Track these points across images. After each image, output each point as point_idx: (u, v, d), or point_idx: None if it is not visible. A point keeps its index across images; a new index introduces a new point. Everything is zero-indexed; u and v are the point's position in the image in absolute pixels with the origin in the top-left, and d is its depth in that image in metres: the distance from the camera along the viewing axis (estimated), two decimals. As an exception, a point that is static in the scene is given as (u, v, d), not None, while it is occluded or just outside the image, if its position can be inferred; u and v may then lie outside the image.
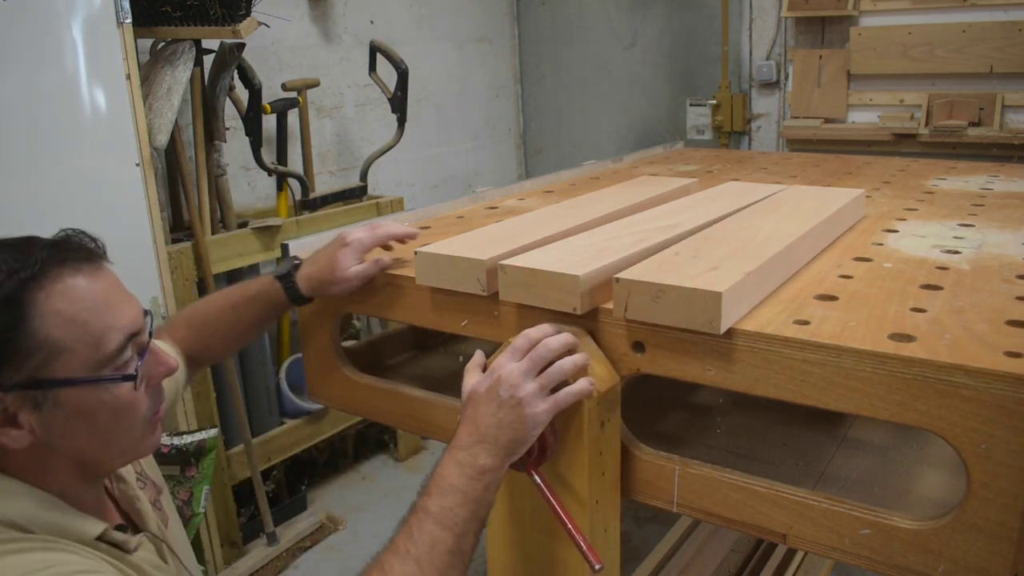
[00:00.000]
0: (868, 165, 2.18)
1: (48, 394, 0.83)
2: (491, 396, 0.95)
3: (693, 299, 0.92)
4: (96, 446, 0.89)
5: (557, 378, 0.96)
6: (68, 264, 0.86)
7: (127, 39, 2.08)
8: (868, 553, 0.91)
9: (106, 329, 0.86)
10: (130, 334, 0.88)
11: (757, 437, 1.16)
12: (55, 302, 0.83)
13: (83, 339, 0.84)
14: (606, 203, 1.46)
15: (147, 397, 0.92)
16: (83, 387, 0.85)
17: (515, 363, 0.96)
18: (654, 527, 2.48)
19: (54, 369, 0.83)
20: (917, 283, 1.08)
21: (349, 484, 3.12)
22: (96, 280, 0.88)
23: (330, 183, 3.38)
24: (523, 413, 0.93)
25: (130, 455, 0.95)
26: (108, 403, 0.87)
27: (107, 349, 0.86)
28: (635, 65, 4.03)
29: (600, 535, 1.05)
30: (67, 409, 0.85)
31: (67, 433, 0.86)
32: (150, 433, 0.94)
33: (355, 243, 1.25)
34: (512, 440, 0.93)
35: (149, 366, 0.92)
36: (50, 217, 2.03)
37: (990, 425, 0.80)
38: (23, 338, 0.81)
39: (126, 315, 0.89)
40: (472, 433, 0.94)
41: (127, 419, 0.89)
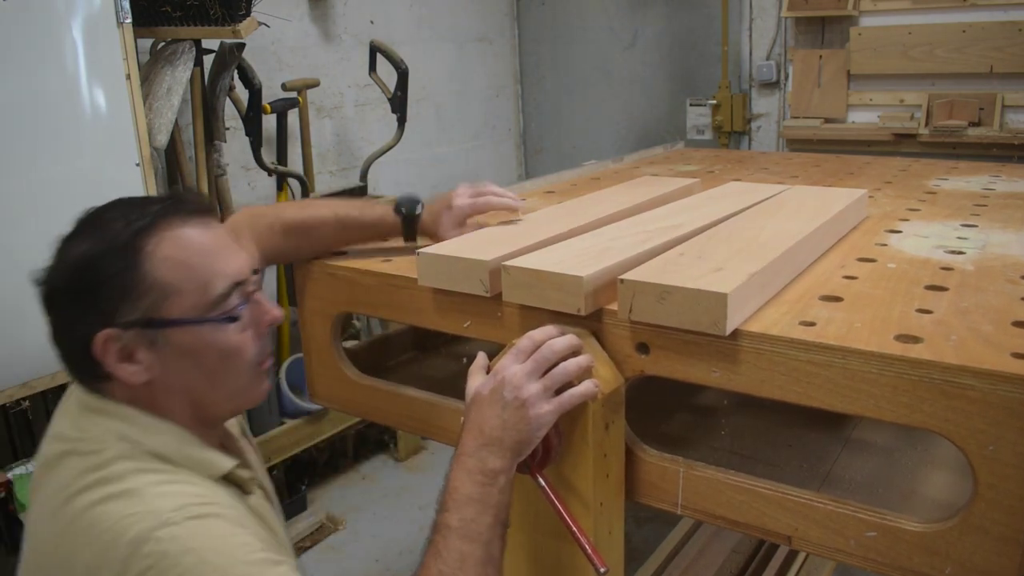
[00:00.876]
0: (869, 165, 2.18)
1: (160, 333, 0.90)
2: (495, 398, 0.95)
3: (698, 300, 0.92)
4: (207, 386, 0.95)
5: (561, 379, 0.96)
6: (178, 216, 0.93)
7: (127, 39, 2.08)
8: (874, 555, 0.91)
9: (213, 274, 0.92)
10: (236, 281, 0.94)
11: (762, 439, 1.16)
12: (166, 248, 0.90)
13: (191, 282, 0.91)
14: (608, 203, 1.45)
15: (253, 344, 0.97)
16: (191, 327, 0.91)
17: (519, 365, 0.96)
18: (655, 527, 2.48)
19: (165, 309, 0.90)
20: (922, 284, 1.08)
21: (349, 484, 3.12)
22: (204, 230, 0.94)
23: (330, 183, 3.38)
24: (527, 414, 0.93)
25: (239, 400, 0.99)
26: (216, 345, 0.93)
27: (214, 292, 0.92)
28: (635, 65, 4.03)
29: (604, 537, 1.04)
30: (178, 348, 0.91)
31: (179, 371, 0.92)
32: (258, 381, 1.00)
33: (457, 211, 1.31)
34: (518, 441, 0.93)
35: (254, 314, 0.97)
36: (50, 217, 2.02)
37: (997, 427, 0.80)
38: (137, 280, 0.89)
39: (232, 264, 0.95)
40: (477, 437, 0.94)
41: (234, 362, 0.95)
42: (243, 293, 0.95)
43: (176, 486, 0.87)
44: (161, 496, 0.85)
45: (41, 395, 2.14)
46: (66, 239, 0.94)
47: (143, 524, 0.81)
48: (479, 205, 1.33)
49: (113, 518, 0.82)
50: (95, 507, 0.84)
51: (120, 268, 0.89)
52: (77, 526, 0.84)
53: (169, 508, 0.83)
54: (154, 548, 0.80)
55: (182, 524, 0.82)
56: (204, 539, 0.82)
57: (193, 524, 0.83)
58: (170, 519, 0.82)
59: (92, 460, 0.88)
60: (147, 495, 0.84)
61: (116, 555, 0.80)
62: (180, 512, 0.83)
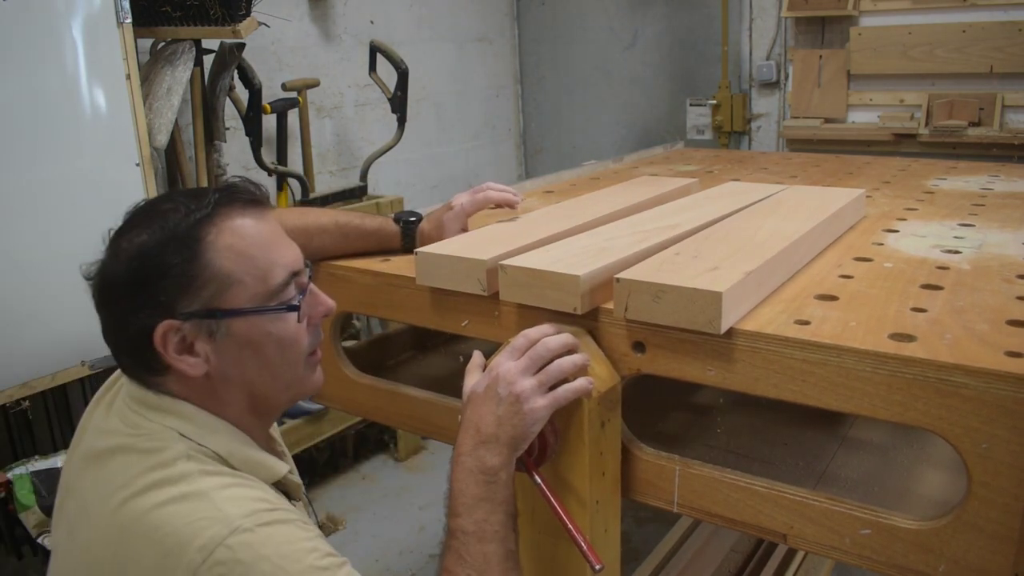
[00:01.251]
0: (868, 165, 2.18)
1: (221, 323, 0.90)
2: (489, 395, 0.95)
3: (693, 299, 0.92)
4: (265, 377, 0.94)
5: (556, 375, 0.96)
6: (237, 206, 0.93)
7: (127, 39, 2.08)
8: (869, 553, 0.91)
9: (272, 264, 0.92)
10: (293, 272, 0.95)
11: (757, 437, 1.16)
12: (226, 238, 0.90)
13: (251, 272, 0.91)
14: (606, 203, 1.46)
15: (308, 334, 0.97)
16: (252, 317, 0.91)
17: (513, 361, 0.97)
18: (654, 527, 2.48)
19: (226, 300, 0.89)
20: (918, 283, 1.08)
21: (349, 484, 3.12)
22: (262, 221, 0.94)
23: (330, 183, 3.38)
24: (522, 409, 0.94)
25: (295, 390, 0.99)
26: (274, 335, 0.93)
27: (273, 282, 0.92)
28: (635, 65, 4.03)
29: (600, 535, 1.05)
30: (238, 338, 0.91)
31: (239, 363, 0.92)
32: (311, 372, 1.00)
33: (458, 208, 1.33)
34: (513, 436, 0.94)
35: (309, 304, 0.97)
36: (50, 217, 2.04)
37: (991, 425, 0.80)
38: (198, 270, 0.88)
39: (288, 255, 0.95)
40: (474, 436, 0.94)
41: (291, 352, 0.95)
42: (299, 283, 0.96)
43: (242, 490, 0.86)
44: (230, 500, 0.83)
45: (41, 395, 2.15)
46: (120, 232, 0.93)
47: (214, 530, 0.80)
48: (479, 201, 1.34)
49: (181, 521, 0.81)
50: (160, 508, 0.82)
51: (181, 258, 0.88)
52: (139, 528, 0.82)
53: (240, 514, 0.82)
54: (227, 555, 0.79)
55: (254, 531, 0.81)
56: (276, 546, 0.82)
57: (264, 531, 0.82)
58: (242, 526, 0.81)
59: (153, 459, 0.87)
60: (216, 499, 0.83)
61: (185, 560, 0.79)
62: (251, 519, 0.82)
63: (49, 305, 1.98)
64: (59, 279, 1.99)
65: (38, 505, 1.92)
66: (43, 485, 1.94)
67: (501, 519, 0.91)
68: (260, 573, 0.79)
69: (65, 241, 1.99)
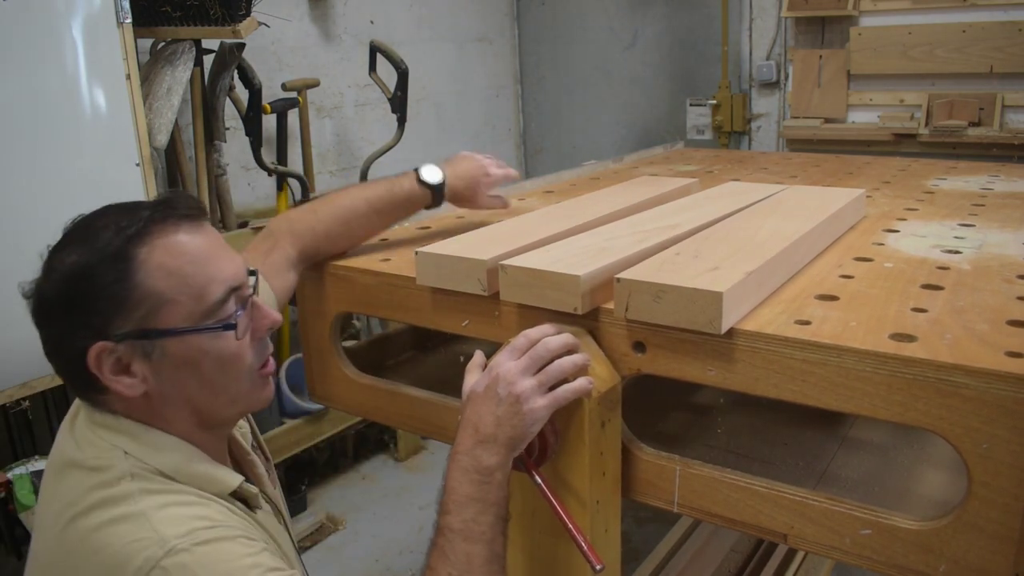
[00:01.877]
0: (868, 165, 2.18)
1: (155, 344, 0.88)
2: (489, 394, 0.95)
3: (694, 299, 0.92)
4: (206, 395, 0.93)
5: (556, 375, 0.96)
6: (171, 221, 0.90)
7: (127, 39, 2.08)
8: (869, 553, 0.91)
9: (208, 281, 0.90)
10: (231, 287, 0.92)
11: (758, 437, 1.16)
12: (158, 256, 0.88)
13: (185, 291, 0.89)
14: (607, 203, 1.46)
15: (252, 349, 0.96)
16: (187, 336, 0.89)
17: (513, 361, 0.96)
18: (654, 527, 2.48)
19: (159, 320, 0.88)
20: (918, 283, 1.08)
21: (349, 484, 3.12)
22: (197, 236, 0.92)
23: (330, 183, 3.38)
24: (521, 409, 0.93)
25: (241, 405, 0.98)
26: (212, 353, 0.91)
27: (209, 300, 0.90)
28: (635, 65, 4.03)
29: (601, 535, 1.05)
30: (175, 358, 0.89)
31: (177, 381, 0.91)
32: (261, 386, 0.99)
33: (494, 180, 1.42)
34: (512, 437, 0.93)
35: (252, 319, 0.96)
36: (50, 217, 2.03)
37: (991, 425, 0.80)
38: (130, 291, 0.86)
39: (227, 269, 0.93)
40: (472, 435, 0.94)
41: (233, 369, 0.93)
42: (240, 298, 0.93)
43: (182, 508, 0.86)
44: (167, 520, 0.83)
45: (41, 395, 2.15)
46: (55, 249, 0.91)
47: (150, 551, 0.80)
48: (499, 178, 1.43)
49: (119, 543, 0.81)
50: (101, 530, 0.83)
51: (112, 279, 0.86)
52: (82, 548, 0.83)
53: (176, 534, 0.82)
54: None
55: (191, 551, 0.81)
56: (214, 564, 0.81)
57: (201, 550, 0.81)
58: (177, 546, 0.80)
59: (99, 477, 0.87)
60: (153, 519, 0.83)
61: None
62: (188, 538, 0.82)
63: (49, 305, 1.97)
64: (59, 279, 1.99)
65: (38, 505, 1.92)
66: (43, 485, 1.94)
67: (490, 520, 0.91)
68: None
69: (65, 241, 1.99)
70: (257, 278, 1.00)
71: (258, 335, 0.97)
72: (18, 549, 2.04)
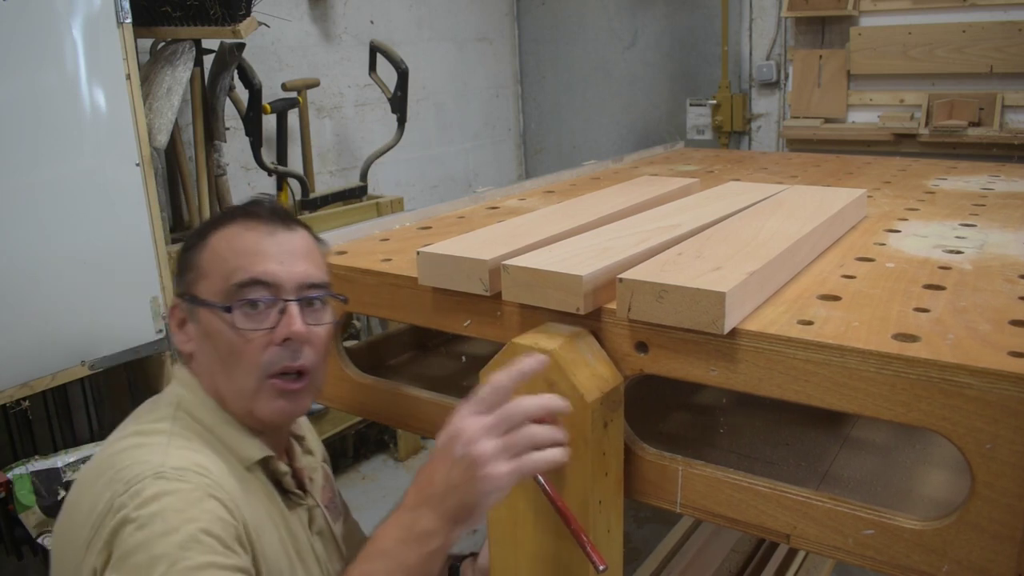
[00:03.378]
0: (868, 165, 2.18)
1: (194, 309, 1.02)
2: (445, 452, 0.85)
3: (696, 299, 0.92)
4: (221, 376, 1.01)
5: (526, 444, 0.85)
6: (247, 218, 1.04)
7: (127, 39, 2.08)
8: (872, 553, 0.91)
9: (237, 268, 0.99)
10: (259, 280, 0.99)
11: (760, 437, 1.16)
12: (217, 240, 1.02)
13: (219, 270, 1.00)
14: (608, 203, 1.46)
15: (267, 349, 0.99)
16: (207, 310, 1.00)
17: (476, 417, 0.85)
18: (655, 527, 2.48)
19: (197, 288, 1.02)
20: (920, 283, 1.08)
21: (349, 484, 3.12)
22: (260, 235, 1.02)
23: (330, 183, 3.38)
24: (475, 475, 0.82)
25: (246, 403, 1.01)
26: (225, 335, 0.99)
27: (231, 282, 0.99)
28: (635, 65, 4.03)
29: (603, 535, 1.04)
30: (201, 327, 1.01)
31: (204, 351, 1.02)
32: (269, 396, 1.00)
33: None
34: (459, 504, 0.83)
35: (280, 324, 1.00)
36: (50, 217, 2.04)
37: (995, 425, 0.80)
38: (191, 261, 1.04)
39: (268, 266, 1.00)
40: (419, 493, 0.86)
41: (241, 359, 0.99)
42: (271, 296, 0.99)
43: (193, 454, 0.94)
44: (174, 455, 0.92)
45: (41, 395, 2.15)
46: None
47: (144, 468, 0.89)
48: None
49: (130, 460, 0.91)
50: (122, 452, 0.94)
51: (188, 249, 1.05)
52: (102, 464, 0.94)
53: (172, 465, 0.90)
54: (138, 489, 0.87)
55: (169, 479, 0.88)
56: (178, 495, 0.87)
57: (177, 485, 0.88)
58: (166, 473, 0.89)
59: (148, 415, 1.01)
60: (165, 451, 0.93)
61: (112, 489, 0.89)
62: (177, 472, 0.90)
63: (49, 305, 1.98)
64: (59, 279, 1.98)
65: (38, 505, 1.92)
66: (43, 485, 1.94)
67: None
68: (147, 513, 0.85)
69: (65, 241, 1.99)
70: (321, 293, 1.05)
71: (276, 340, 0.99)
72: (18, 549, 2.04)
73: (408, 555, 0.83)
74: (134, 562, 0.83)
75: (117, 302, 2.10)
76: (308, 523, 1.10)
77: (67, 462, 1.95)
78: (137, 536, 0.84)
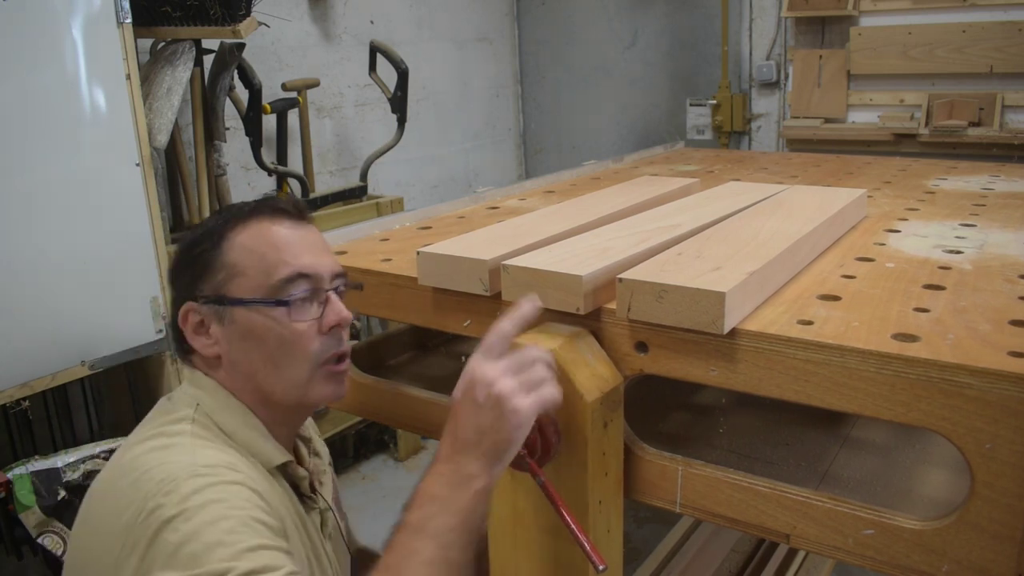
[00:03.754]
0: (868, 165, 2.18)
1: (227, 310, 0.99)
2: (468, 401, 0.88)
3: (696, 299, 0.92)
4: (267, 371, 1.00)
5: (538, 379, 0.88)
6: (268, 213, 1.03)
7: (127, 39, 2.08)
8: (872, 553, 0.91)
9: (279, 263, 0.99)
10: (300, 272, 1.00)
11: (760, 437, 1.16)
12: (244, 237, 1.01)
13: (257, 266, 0.99)
14: (608, 203, 1.46)
15: (317, 338, 1.01)
16: (251, 309, 0.99)
17: (491, 363, 0.89)
18: (654, 527, 2.48)
19: (231, 289, 0.99)
20: (920, 283, 1.08)
21: (349, 484, 3.12)
22: (288, 228, 1.03)
23: (330, 183, 3.38)
24: (503, 412, 0.85)
25: (300, 393, 1.02)
26: (275, 330, 0.98)
27: (275, 278, 0.99)
28: (635, 65, 4.03)
29: (603, 535, 1.04)
30: (241, 328, 0.99)
31: (243, 351, 1.00)
32: (323, 382, 1.02)
33: None
34: (494, 445, 0.86)
35: (324, 312, 1.01)
36: (50, 217, 2.04)
37: (994, 425, 0.80)
38: (214, 260, 1.00)
39: (305, 259, 1.01)
40: (452, 444, 0.88)
41: (294, 351, 0.99)
42: (312, 288, 1.01)
43: (220, 454, 0.94)
44: (202, 455, 0.92)
45: (41, 395, 2.15)
46: None
47: (176, 468, 0.88)
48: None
49: (155, 462, 0.90)
50: (145, 454, 0.92)
51: (205, 249, 1.01)
52: (123, 467, 0.92)
53: (205, 463, 0.90)
54: (173, 488, 0.86)
55: (205, 476, 0.88)
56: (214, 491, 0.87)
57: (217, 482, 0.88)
58: (200, 471, 0.88)
59: (166, 417, 0.99)
60: (192, 451, 0.92)
61: (144, 489, 0.87)
62: (211, 468, 0.89)
63: (49, 305, 1.98)
64: (59, 279, 1.99)
65: (38, 505, 1.92)
66: (43, 485, 1.94)
67: (450, 524, 0.84)
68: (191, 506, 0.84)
69: (65, 241, 1.99)
70: (344, 282, 1.07)
71: (323, 329, 1.01)
72: (18, 549, 2.04)
73: (458, 497, 0.86)
74: (188, 552, 0.81)
75: (117, 302, 2.11)
76: (320, 526, 1.10)
77: (67, 462, 1.95)
78: (184, 529, 0.82)
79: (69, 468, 1.94)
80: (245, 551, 0.82)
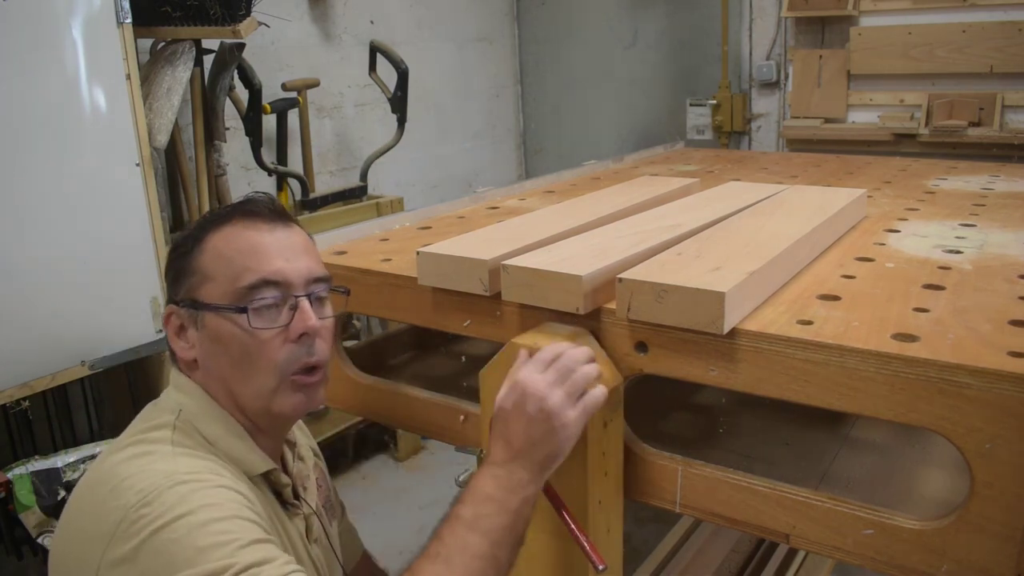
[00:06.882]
0: (869, 165, 2.18)
1: (200, 315, 0.99)
2: (519, 412, 0.92)
3: (696, 299, 0.92)
4: (235, 378, 0.99)
5: (582, 384, 0.93)
6: (245, 217, 1.01)
7: (127, 39, 2.08)
8: (872, 553, 0.91)
9: (244, 269, 0.98)
10: (268, 280, 0.98)
11: (760, 437, 1.16)
12: (217, 240, 1.00)
13: (224, 272, 0.98)
14: (608, 203, 1.46)
15: (284, 347, 0.98)
16: (219, 315, 0.97)
17: (540, 374, 0.93)
18: (654, 527, 2.48)
19: (202, 293, 0.99)
20: (920, 283, 1.08)
21: (349, 484, 3.12)
22: (263, 233, 1.01)
23: (330, 183, 3.38)
24: (554, 425, 0.90)
25: (266, 402, 1.00)
26: (239, 338, 0.97)
27: (239, 284, 0.97)
28: (635, 65, 4.03)
29: (603, 535, 1.04)
30: (210, 333, 0.98)
31: (213, 356, 0.99)
32: (289, 392, 1.00)
33: None
34: (547, 455, 0.91)
35: (292, 319, 0.99)
36: (51, 217, 2.04)
37: (994, 425, 0.80)
38: (189, 264, 1.00)
39: (274, 265, 0.99)
40: (506, 450, 0.92)
41: (258, 360, 0.98)
42: (280, 295, 0.98)
43: (199, 461, 0.92)
44: (183, 463, 0.90)
45: (41, 395, 2.15)
46: None
47: (156, 479, 0.86)
48: None
49: (135, 470, 0.88)
50: (124, 462, 0.90)
51: (183, 254, 1.01)
52: (102, 475, 0.90)
53: (185, 470, 0.88)
54: (155, 498, 0.84)
55: (189, 483, 0.86)
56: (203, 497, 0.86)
57: (199, 486, 0.87)
58: (182, 478, 0.87)
59: (147, 423, 0.97)
60: (171, 459, 0.91)
61: (123, 500, 0.85)
62: (192, 475, 0.88)
63: (49, 305, 1.97)
64: (59, 279, 1.98)
65: (38, 505, 1.92)
66: (43, 485, 1.94)
67: (504, 524, 0.87)
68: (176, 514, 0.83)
69: (65, 241, 1.99)
70: (326, 286, 1.05)
71: (292, 336, 0.98)
72: (18, 549, 2.04)
73: (511, 500, 0.89)
74: (184, 558, 0.80)
75: (117, 302, 2.10)
76: (305, 532, 1.09)
77: (67, 462, 1.95)
78: (175, 535, 0.81)
79: (69, 468, 1.94)
80: (241, 547, 0.82)
